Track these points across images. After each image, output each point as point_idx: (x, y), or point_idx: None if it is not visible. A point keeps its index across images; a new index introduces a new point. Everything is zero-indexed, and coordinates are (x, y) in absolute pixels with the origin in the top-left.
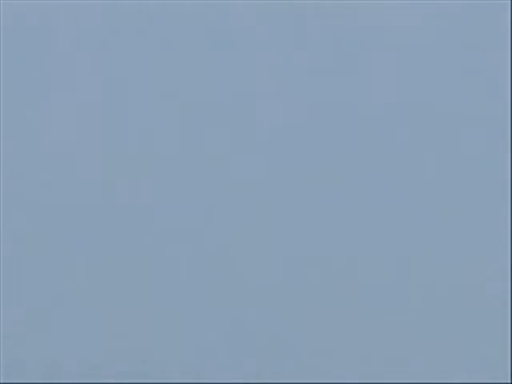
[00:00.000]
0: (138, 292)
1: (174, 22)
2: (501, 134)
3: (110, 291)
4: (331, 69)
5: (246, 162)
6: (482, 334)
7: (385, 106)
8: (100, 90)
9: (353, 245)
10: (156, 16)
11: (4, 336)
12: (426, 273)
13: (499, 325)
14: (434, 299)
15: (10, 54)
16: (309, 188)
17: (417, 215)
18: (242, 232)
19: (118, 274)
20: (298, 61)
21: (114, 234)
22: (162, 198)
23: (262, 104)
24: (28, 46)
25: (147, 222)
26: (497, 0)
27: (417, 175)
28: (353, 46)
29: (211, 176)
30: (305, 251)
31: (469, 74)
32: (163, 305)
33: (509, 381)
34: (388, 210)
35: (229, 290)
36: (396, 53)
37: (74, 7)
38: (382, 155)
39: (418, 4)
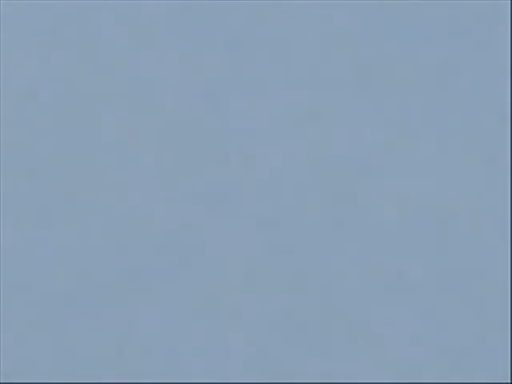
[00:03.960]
0: (138, 295)
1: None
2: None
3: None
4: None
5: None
6: (482, 333)
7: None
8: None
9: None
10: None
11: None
12: (425, 271)
13: (499, 325)
14: (433, 298)
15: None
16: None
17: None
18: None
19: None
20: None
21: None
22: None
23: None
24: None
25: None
26: (497, 0)
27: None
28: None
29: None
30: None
31: (467, 76)
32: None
33: (509, 381)
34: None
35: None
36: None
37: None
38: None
39: (418, 4)
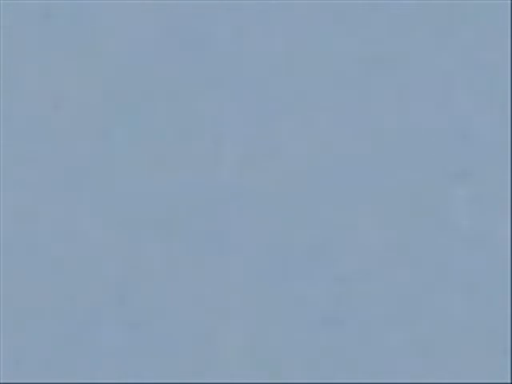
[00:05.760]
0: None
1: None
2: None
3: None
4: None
5: None
6: (482, 334)
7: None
8: None
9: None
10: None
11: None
12: (425, 272)
13: (499, 325)
14: (433, 298)
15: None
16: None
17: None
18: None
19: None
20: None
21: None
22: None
23: None
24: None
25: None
26: (497, 0)
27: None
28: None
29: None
30: None
31: (468, 75)
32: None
33: (509, 381)
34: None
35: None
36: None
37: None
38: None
39: (418, 3)
